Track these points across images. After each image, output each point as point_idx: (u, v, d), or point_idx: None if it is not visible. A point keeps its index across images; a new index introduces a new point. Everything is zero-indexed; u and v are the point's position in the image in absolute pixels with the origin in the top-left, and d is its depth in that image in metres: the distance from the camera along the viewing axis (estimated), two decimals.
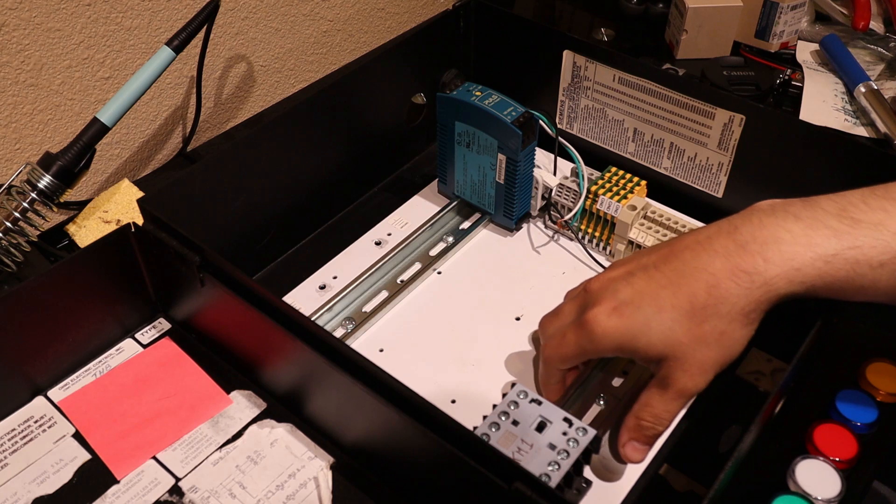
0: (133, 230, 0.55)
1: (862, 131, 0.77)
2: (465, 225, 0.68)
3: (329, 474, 0.50)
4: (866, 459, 0.50)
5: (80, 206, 0.67)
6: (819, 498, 0.47)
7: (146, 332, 0.60)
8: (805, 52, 0.88)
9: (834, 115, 0.79)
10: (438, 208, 0.68)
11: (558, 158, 0.67)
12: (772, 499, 0.47)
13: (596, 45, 0.68)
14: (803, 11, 0.88)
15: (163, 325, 0.60)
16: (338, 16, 0.89)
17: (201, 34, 0.66)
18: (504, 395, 0.47)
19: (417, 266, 0.64)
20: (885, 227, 0.41)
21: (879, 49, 0.88)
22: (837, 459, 0.49)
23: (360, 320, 0.59)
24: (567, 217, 0.64)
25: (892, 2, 0.88)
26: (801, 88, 0.83)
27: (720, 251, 0.43)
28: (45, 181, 0.59)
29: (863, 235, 0.41)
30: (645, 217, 0.62)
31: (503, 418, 0.46)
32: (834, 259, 0.41)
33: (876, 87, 0.79)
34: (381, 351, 0.58)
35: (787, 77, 0.84)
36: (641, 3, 0.94)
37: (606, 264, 0.64)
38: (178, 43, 0.63)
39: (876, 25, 0.89)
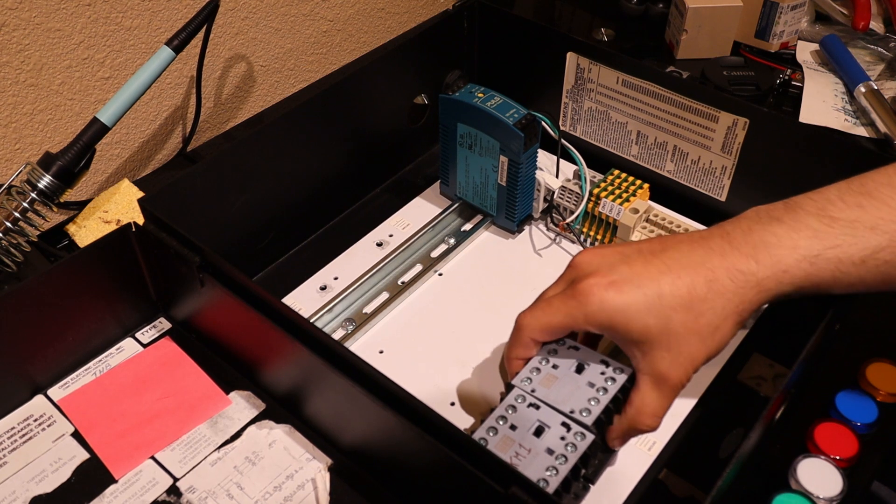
0: (133, 230, 0.55)
1: (862, 131, 0.77)
2: (467, 227, 0.68)
3: (327, 476, 0.50)
4: (867, 458, 0.50)
5: (80, 206, 0.67)
6: (820, 496, 0.47)
7: (146, 331, 0.60)
8: (805, 52, 0.88)
9: (834, 115, 0.79)
10: (440, 210, 0.68)
11: (561, 161, 0.67)
12: (773, 497, 0.47)
13: (600, 47, 0.68)
14: (803, 11, 0.87)
15: (163, 324, 0.60)
16: (338, 16, 0.89)
17: (201, 34, 0.66)
18: (502, 399, 0.47)
19: (418, 268, 0.64)
20: (861, 223, 0.43)
21: (879, 49, 0.88)
22: (838, 458, 0.49)
23: (360, 321, 0.59)
24: (569, 220, 0.64)
25: (893, 2, 0.88)
26: (801, 88, 0.82)
27: (716, 249, 0.44)
28: (45, 181, 0.59)
29: (841, 234, 0.43)
30: (647, 220, 0.62)
31: (501, 422, 0.46)
32: (817, 259, 0.43)
33: (876, 87, 0.79)
34: (382, 352, 0.58)
35: (787, 77, 0.83)
36: (641, 4, 0.94)
37: None
38: (178, 43, 0.62)
39: (876, 25, 0.88)
